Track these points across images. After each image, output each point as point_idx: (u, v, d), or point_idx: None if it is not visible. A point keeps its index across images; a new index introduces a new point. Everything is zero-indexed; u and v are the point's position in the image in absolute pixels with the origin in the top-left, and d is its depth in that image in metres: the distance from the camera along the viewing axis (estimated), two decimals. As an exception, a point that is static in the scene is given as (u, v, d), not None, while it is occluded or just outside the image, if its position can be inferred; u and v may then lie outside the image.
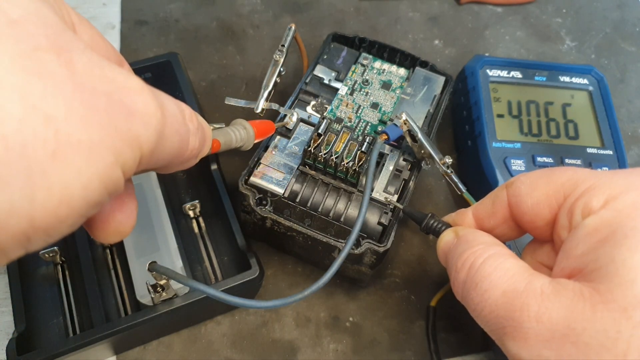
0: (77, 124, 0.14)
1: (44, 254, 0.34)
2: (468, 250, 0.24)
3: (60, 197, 0.14)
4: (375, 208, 0.33)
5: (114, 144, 0.16)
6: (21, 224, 0.14)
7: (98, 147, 0.15)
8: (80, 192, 0.15)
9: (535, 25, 0.53)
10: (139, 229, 0.34)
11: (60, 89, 0.14)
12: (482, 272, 0.23)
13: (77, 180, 0.15)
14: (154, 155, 0.18)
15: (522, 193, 0.25)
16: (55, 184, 0.14)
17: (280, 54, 0.35)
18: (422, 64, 0.40)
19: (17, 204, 0.13)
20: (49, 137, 0.14)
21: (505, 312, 0.21)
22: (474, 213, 0.28)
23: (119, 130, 0.16)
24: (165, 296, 0.31)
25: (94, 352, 0.31)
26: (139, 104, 0.17)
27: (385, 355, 0.35)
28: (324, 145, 0.33)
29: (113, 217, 0.20)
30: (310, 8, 0.52)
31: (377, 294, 0.38)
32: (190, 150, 0.21)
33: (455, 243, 0.26)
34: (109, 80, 0.16)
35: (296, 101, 0.37)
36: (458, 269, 0.24)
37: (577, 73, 0.43)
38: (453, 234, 0.27)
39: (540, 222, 0.25)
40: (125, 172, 0.17)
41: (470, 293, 0.23)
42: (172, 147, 0.19)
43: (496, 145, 0.38)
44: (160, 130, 0.18)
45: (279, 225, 0.32)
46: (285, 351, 0.35)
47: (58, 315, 0.33)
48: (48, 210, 0.14)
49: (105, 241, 0.21)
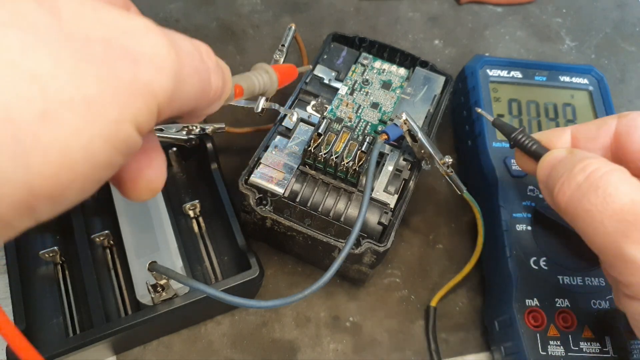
0: (67, 78, 0.13)
1: (44, 254, 0.34)
2: (590, 159, 0.23)
3: (60, 161, 0.13)
4: (375, 208, 0.33)
5: (118, 97, 0.14)
6: (19, 194, 0.13)
7: (97, 102, 0.14)
8: (82, 154, 0.14)
9: (535, 25, 0.53)
10: (138, 229, 0.34)
11: (44, 40, 0.13)
12: (607, 178, 0.22)
13: (76, 142, 0.13)
14: (173, 101, 0.16)
15: (637, 125, 0.25)
16: (50, 148, 0.13)
17: (280, 54, 0.35)
18: (422, 64, 0.40)
19: (9, 171, 0.12)
20: (35, 96, 0.12)
21: (635, 218, 0.21)
22: (574, 132, 0.27)
23: (122, 80, 0.14)
24: (165, 296, 0.31)
25: (94, 352, 0.31)
26: (147, 47, 0.15)
27: (385, 355, 0.35)
28: (324, 145, 0.33)
29: (142, 174, 0.19)
30: (310, 8, 0.52)
31: (377, 294, 0.38)
32: (214, 90, 0.19)
33: (569, 156, 0.25)
34: (106, 24, 0.14)
35: (296, 101, 0.37)
36: (575, 172, 0.23)
37: (577, 73, 0.43)
38: (567, 151, 0.26)
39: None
40: (140, 125, 0.15)
41: (587, 195, 0.22)
42: (194, 89, 0.18)
43: (496, 145, 0.38)
44: (177, 72, 0.16)
45: (279, 225, 0.32)
46: (285, 351, 0.35)
47: (58, 315, 0.33)
48: (47, 176, 0.13)
49: (138, 199, 0.19)
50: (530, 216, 0.35)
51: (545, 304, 0.32)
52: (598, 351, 0.31)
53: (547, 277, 0.33)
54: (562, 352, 0.31)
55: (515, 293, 0.33)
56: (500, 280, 0.35)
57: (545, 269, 0.34)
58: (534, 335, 0.31)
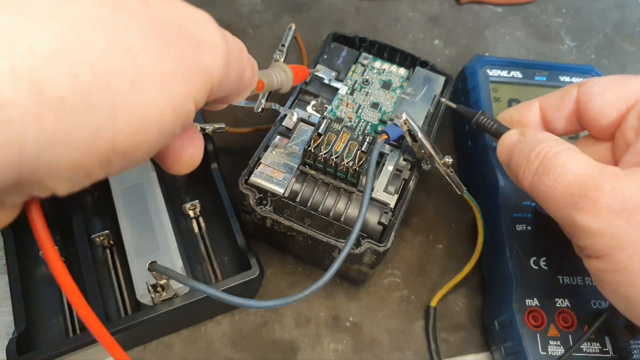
0: (152, 55, 0.15)
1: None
2: (542, 144, 0.26)
3: (138, 124, 0.15)
4: (375, 208, 0.33)
5: (186, 75, 0.17)
6: (104, 147, 0.15)
7: (170, 78, 0.16)
8: (155, 120, 0.16)
9: (535, 25, 0.53)
10: (138, 229, 0.34)
11: (138, 22, 0.15)
12: (556, 160, 0.25)
13: (152, 109, 0.16)
14: (221, 85, 0.19)
15: (594, 92, 0.27)
16: (133, 112, 0.15)
17: (280, 54, 0.35)
18: (422, 64, 0.40)
19: (102, 128, 0.14)
20: (129, 68, 0.15)
21: (579, 191, 0.23)
22: (541, 104, 0.30)
23: (189, 61, 0.17)
24: (165, 296, 0.31)
25: (94, 352, 0.31)
26: (207, 35, 0.18)
27: (385, 355, 0.35)
28: (324, 145, 0.33)
29: (185, 150, 0.21)
30: (310, 8, 0.52)
31: (377, 294, 0.38)
32: (246, 80, 0.23)
33: (522, 140, 0.28)
34: (179, 13, 0.17)
35: (296, 101, 0.37)
36: (531, 159, 0.26)
37: (577, 73, 0.43)
38: (518, 132, 0.29)
39: (605, 121, 0.27)
40: (197, 102, 0.18)
41: (542, 178, 0.25)
42: (234, 77, 0.21)
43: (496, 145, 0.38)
44: (226, 60, 0.19)
45: (279, 225, 0.32)
46: (285, 351, 0.35)
47: (58, 315, 0.33)
48: (127, 135, 0.15)
49: (178, 173, 0.22)
50: (530, 216, 0.35)
51: (545, 304, 0.32)
52: (598, 351, 0.31)
53: (547, 277, 0.33)
54: (562, 352, 0.31)
55: (515, 293, 0.33)
56: (500, 280, 0.35)
57: (545, 269, 0.34)
58: (534, 335, 0.31)
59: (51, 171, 0.14)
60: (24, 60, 0.13)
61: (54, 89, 0.13)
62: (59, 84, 0.13)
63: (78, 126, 0.14)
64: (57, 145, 0.14)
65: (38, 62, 0.13)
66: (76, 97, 0.14)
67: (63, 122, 0.13)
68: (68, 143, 0.14)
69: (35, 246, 0.35)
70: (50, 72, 0.13)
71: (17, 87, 0.12)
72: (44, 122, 0.13)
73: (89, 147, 0.14)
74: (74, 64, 0.14)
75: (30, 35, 0.13)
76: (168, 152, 0.21)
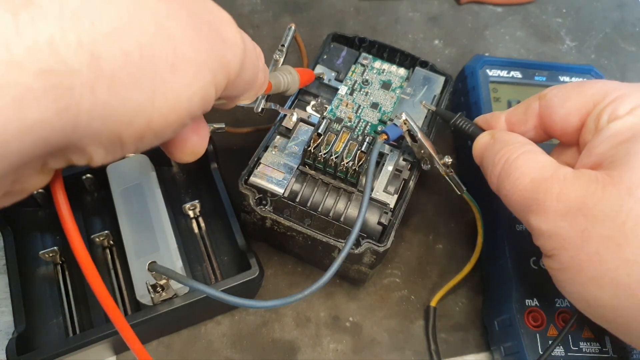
0: (188, 44, 0.17)
1: (44, 254, 0.34)
2: (505, 148, 0.27)
3: (172, 104, 0.17)
4: (375, 208, 0.33)
5: (212, 65, 0.18)
6: (142, 123, 0.16)
7: (202, 66, 0.18)
8: (185, 103, 0.17)
9: (535, 25, 0.53)
10: (138, 229, 0.34)
11: (179, 14, 0.17)
12: (515, 164, 0.26)
13: (185, 92, 0.17)
14: (236, 82, 0.21)
15: (554, 104, 0.28)
16: (170, 93, 0.16)
17: (280, 54, 0.35)
18: (422, 64, 0.40)
19: (142, 105, 0.16)
20: (170, 52, 0.16)
21: (532, 195, 0.25)
22: (507, 118, 0.30)
23: (216, 54, 0.18)
24: (165, 296, 0.31)
25: (94, 352, 0.31)
26: (229, 34, 0.20)
27: (385, 355, 0.35)
28: (324, 145, 0.33)
29: (190, 138, 0.22)
30: (310, 8, 0.52)
31: (377, 294, 0.38)
32: (258, 83, 0.24)
33: (492, 143, 0.29)
34: (210, 11, 0.19)
35: (296, 101, 0.37)
36: (495, 163, 0.27)
37: (577, 73, 0.43)
38: (489, 135, 0.30)
39: (569, 129, 0.28)
40: (217, 91, 0.19)
41: (503, 182, 0.27)
42: (248, 78, 0.22)
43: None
44: (243, 60, 0.20)
45: (279, 225, 0.32)
46: (285, 351, 0.35)
47: (58, 315, 0.33)
48: (162, 114, 0.17)
49: (182, 160, 0.22)
50: (530, 216, 0.35)
51: (545, 304, 0.32)
52: (598, 351, 0.31)
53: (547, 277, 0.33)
54: (562, 352, 0.31)
55: (515, 293, 0.33)
56: (500, 280, 0.35)
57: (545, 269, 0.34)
58: (534, 335, 0.31)
59: (95, 140, 0.15)
60: (88, 35, 0.14)
61: (108, 64, 0.14)
62: (113, 60, 0.14)
63: (124, 101, 0.15)
64: (104, 117, 0.15)
65: (99, 37, 0.14)
66: (125, 74, 0.15)
67: (112, 96, 0.15)
68: (113, 116, 0.15)
69: (35, 246, 0.35)
70: (107, 47, 0.14)
71: (79, 58, 0.14)
72: (97, 93, 0.14)
73: (130, 122, 0.16)
74: (127, 44, 0.15)
75: (94, 13, 0.14)
76: (174, 139, 0.22)
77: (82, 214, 0.36)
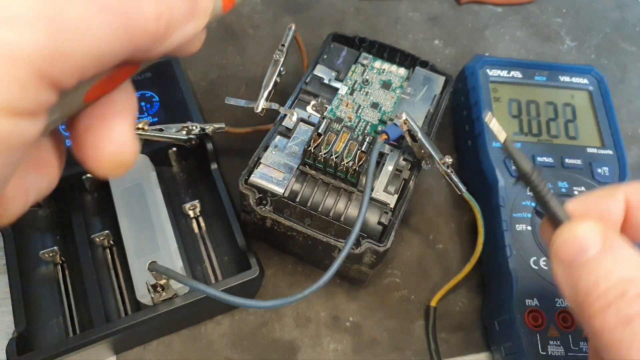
0: None
1: (44, 254, 0.34)
2: (625, 276, 0.19)
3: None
4: (375, 208, 0.33)
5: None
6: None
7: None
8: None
9: (535, 25, 0.53)
10: (138, 229, 0.34)
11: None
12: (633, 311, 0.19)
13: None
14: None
15: None
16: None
17: (280, 54, 0.35)
18: (422, 64, 0.40)
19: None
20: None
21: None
22: (630, 195, 0.22)
23: None
24: (165, 296, 0.31)
25: (94, 352, 0.31)
26: None
27: (385, 355, 0.35)
28: (324, 145, 0.33)
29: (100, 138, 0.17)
30: (310, 8, 0.52)
31: (377, 294, 0.38)
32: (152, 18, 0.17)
33: (599, 249, 0.20)
34: None
35: (296, 101, 0.37)
36: (626, 304, 0.19)
37: (577, 73, 0.43)
38: (599, 232, 0.20)
39: None
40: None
41: (602, 314, 0.19)
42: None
43: (496, 145, 0.38)
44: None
45: (279, 225, 0.32)
46: (285, 351, 0.35)
47: (58, 315, 0.33)
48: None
49: (104, 174, 0.17)
50: (530, 216, 0.35)
51: (545, 304, 0.32)
52: (598, 351, 0.31)
53: (547, 277, 0.33)
54: (562, 352, 0.31)
55: (515, 293, 0.33)
56: (500, 280, 0.35)
57: (545, 269, 0.34)
58: (534, 335, 0.31)
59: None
60: None
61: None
62: None
63: None
64: None
65: None
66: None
67: None
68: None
69: (35, 246, 0.35)
70: None
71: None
72: None
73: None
74: None
75: None
76: (84, 142, 0.17)
77: (82, 214, 0.36)
